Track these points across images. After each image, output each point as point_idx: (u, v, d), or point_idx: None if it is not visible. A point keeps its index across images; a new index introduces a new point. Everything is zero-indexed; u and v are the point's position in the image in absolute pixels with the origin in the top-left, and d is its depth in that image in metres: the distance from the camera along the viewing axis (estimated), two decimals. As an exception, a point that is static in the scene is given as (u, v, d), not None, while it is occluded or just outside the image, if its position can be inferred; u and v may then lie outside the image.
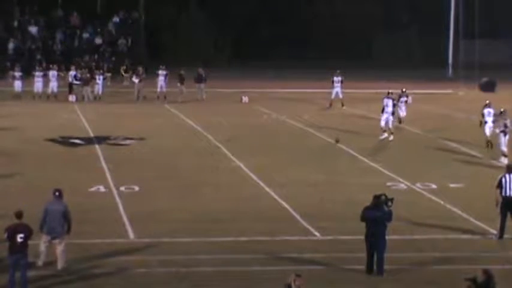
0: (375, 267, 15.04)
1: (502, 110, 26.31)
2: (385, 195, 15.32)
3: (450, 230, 18.02)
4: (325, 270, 15.31)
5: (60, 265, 14.88)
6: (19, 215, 14.16)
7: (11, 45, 52.44)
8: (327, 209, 19.45)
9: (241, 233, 17.43)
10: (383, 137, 29.54)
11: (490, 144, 27.24)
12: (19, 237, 13.88)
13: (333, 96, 38.88)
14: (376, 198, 15.19)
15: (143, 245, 16.53)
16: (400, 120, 33.10)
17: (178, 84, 40.74)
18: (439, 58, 59.31)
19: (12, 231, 13.98)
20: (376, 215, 14.99)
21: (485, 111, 27.87)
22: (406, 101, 34.01)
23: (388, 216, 15.13)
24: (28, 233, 14.00)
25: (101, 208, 19.28)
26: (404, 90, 34.45)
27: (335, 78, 38.93)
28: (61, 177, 21.87)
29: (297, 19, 62.48)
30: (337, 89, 38.84)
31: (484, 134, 27.66)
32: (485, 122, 27.72)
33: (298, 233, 17.67)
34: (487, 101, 28.69)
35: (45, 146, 27.69)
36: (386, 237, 15.04)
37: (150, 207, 19.49)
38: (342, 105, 38.60)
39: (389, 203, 15.20)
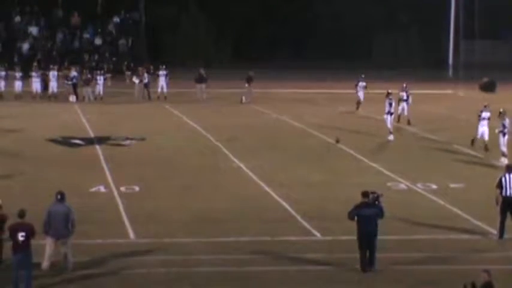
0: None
1: (501, 110, 26.30)
2: (373, 192, 15.39)
3: (450, 230, 18.03)
4: (325, 270, 15.32)
5: (70, 265, 14.99)
6: (21, 214, 14.22)
7: (25, 46, 52.45)
8: (327, 209, 19.45)
9: (242, 233, 17.45)
10: (390, 138, 29.45)
11: (406, 120, 32.75)
12: (20, 236, 13.94)
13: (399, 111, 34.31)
14: (365, 195, 15.25)
15: (143, 245, 16.54)
16: (399, 119, 32.81)
17: (246, 85, 40.68)
18: (439, 58, 59.34)
19: (14, 230, 14.04)
20: (372, 212, 15.11)
21: (400, 94, 33.09)
22: (407, 96, 33.27)
23: (381, 213, 15.26)
24: (29, 232, 14.02)
25: (102, 208, 19.29)
26: (405, 85, 33.83)
27: (360, 84, 37.81)
28: (61, 178, 21.91)
29: (297, 19, 62.48)
30: (361, 93, 37.59)
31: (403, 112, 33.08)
32: (405, 100, 33.22)
33: (299, 233, 17.69)
34: (404, 84, 33.76)
35: (45, 146, 27.70)
36: (387, 237, 15.06)
37: (150, 207, 19.50)
38: (357, 107, 37.25)
39: (380, 199, 15.29)
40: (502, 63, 58.19)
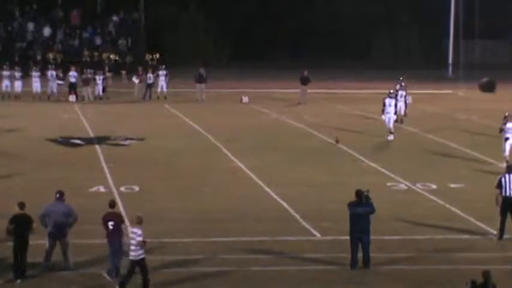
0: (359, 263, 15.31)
1: (506, 114, 25.72)
2: (364, 190, 15.50)
3: (450, 230, 18.03)
4: (325, 270, 15.33)
5: (70, 265, 15.08)
6: (112, 204, 15.02)
7: (25, 45, 52.41)
8: (327, 209, 19.45)
9: (242, 233, 17.45)
10: (391, 138, 29.38)
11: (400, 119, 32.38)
12: (110, 225, 14.62)
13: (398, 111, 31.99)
14: (359, 194, 15.38)
15: (143, 245, 16.53)
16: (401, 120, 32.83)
17: (301, 86, 40.47)
18: (439, 58, 59.35)
19: (105, 220, 14.76)
20: (364, 211, 15.27)
21: (399, 92, 32.63)
22: (405, 96, 33.32)
23: (373, 210, 15.42)
24: (118, 221, 14.73)
25: (101, 208, 19.16)
26: (401, 81, 33.87)
27: (400, 92, 32.96)
28: (61, 178, 21.91)
29: (297, 19, 62.48)
30: (401, 103, 32.80)
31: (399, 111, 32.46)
32: (405, 99, 33.26)
33: (298, 233, 17.70)
34: (400, 77, 33.55)
35: (45, 146, 27.70)
36: (387, 237, 15.08)
37: (150, 207, 19.47)
38: (401, 121, 32.77)
39: (370, 197, 15.46)
40: (501, 63, 58.20)
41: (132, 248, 14.04)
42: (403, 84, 33.82)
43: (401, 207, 19.76)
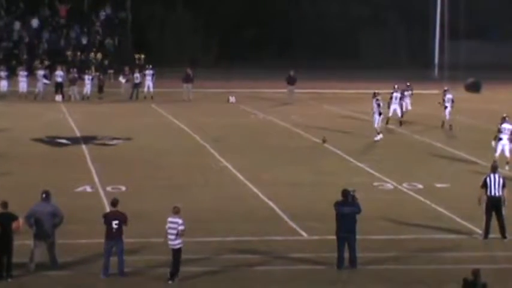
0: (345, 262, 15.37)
1: (504, 115, 25.62)
2: (351, 190, 15.58)
3: (436, 229, 18.12)
4: (311, 270, 15.38)
5: (56, 265, 15.06)
6: (114, 202, 14.92)
7: (11, 45, 52.14)
8: (314, 209, 19.50)
9: (229, 233, 17.48)
10: (377, 138, 29.43)
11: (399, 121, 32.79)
12: (114, 224, 14.62)
13: (390, 113, 32.91)
14: (346, 193, 15.45)
15: (130, 245, 16.48)
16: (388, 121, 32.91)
17: (288, 86, 40.29)
18: (425, 58, 59.54)
19: (108, 218, 14.72)
20: (350, 211, 15.35)
21: (394, 95, 32.96)
22: (411, 95, 34.50)
23: (359, 210, 15.49)
24: (123, 220, 14.69)
25: (88, 208, 19.24)
26: (408, 84, 35.33)
27: (394, 94, 33.20)
28: (47, 177, 21.86)
29: (284, 19, 62.53)
30: (395, 105, 33.18)
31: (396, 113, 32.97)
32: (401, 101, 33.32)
33: (286, 233, 17.73)
34: (395, 85, 33.77)
35: (31, 146, 27.61)
36: (373, 236, 15.14)
37: (137, 207, 19.44)
38: (400, 124, 33.15)
39: (356, 196, 15.54)
40: (487, 64, 58.44)
41: (172, 237, 14.34)
42: (395, 86, 33.90)
43: (387, 207, 19.84)
